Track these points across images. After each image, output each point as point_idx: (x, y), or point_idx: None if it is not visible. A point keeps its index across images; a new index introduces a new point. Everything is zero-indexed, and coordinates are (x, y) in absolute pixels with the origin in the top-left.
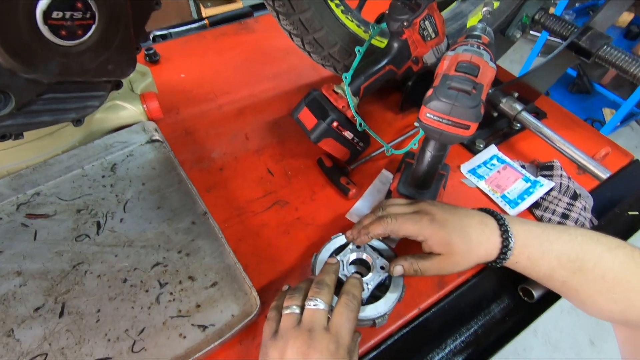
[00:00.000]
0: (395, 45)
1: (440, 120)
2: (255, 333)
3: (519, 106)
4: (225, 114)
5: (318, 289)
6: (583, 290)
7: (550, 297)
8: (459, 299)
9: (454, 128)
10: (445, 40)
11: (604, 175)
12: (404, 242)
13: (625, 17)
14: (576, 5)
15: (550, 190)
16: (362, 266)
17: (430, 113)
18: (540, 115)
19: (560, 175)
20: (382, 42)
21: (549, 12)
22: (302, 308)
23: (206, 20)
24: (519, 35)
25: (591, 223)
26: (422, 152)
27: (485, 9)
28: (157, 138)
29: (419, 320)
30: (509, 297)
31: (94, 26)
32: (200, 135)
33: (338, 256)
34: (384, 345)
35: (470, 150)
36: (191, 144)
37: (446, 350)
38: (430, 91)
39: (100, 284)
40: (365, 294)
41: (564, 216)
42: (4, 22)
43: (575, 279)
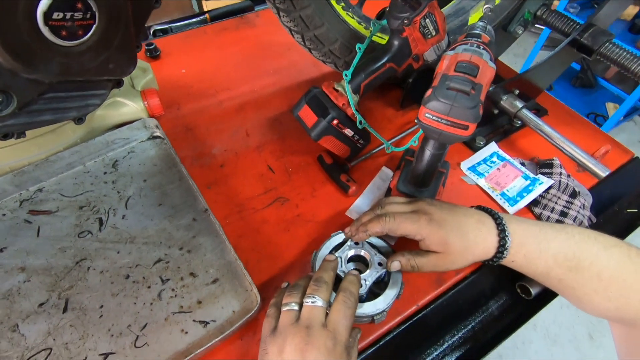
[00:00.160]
0: (395, 43)
1: (439, 120)
2: (256, 329)
3: (519, 103)
4: (225, 110)
5: (316, 286)
6: (579, 288)
7: (548, 295)
8: (457, 296)
9: (453, 128)
10: (446, 37)
11: (603, 173)
12: (403, 240)
13: (630, 10)
14: None
15: (550, 187)
16: (361, 263)
17: (429, 113)
18: (541, 112)
19: (560, 173)
20: (383, 39)
21: (551, 8)
22: (301, 305)
23: (207, 15)
24: (520, 32)
25: (590, 221)
26: (422, 151)
27: (486, 6)
28: (158, 134)
29: (417, 317)
30: (506, 294)
31: (94, 26)
32: (201, 132)
33: (336, 253)
34: (382, 342)
35: (470, 148)
36: (192, 140)
37: (444, 347)
38: (429, 91)
39: (103, 280)
40: (363, 290)
41: (563, 214)
42: (5, 24)
43: (572, 277)
